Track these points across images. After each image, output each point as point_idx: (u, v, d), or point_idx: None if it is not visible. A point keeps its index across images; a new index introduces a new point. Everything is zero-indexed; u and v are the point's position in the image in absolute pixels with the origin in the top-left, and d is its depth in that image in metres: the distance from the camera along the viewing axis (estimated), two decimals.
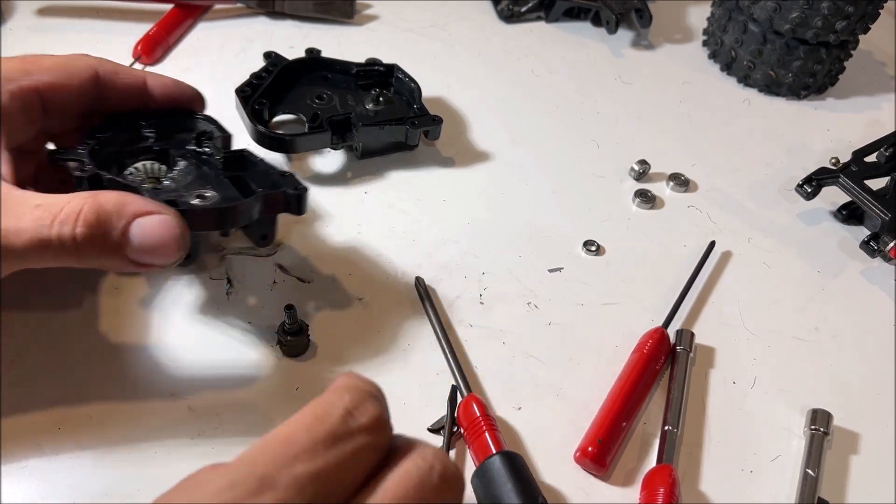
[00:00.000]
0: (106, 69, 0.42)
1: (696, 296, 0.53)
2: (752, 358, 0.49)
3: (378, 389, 0.28)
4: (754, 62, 0.72)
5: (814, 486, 0.41)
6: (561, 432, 0.43)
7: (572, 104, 0.69)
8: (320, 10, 0.73)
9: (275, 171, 0.43)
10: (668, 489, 0.39)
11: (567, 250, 0.55)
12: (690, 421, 0.45)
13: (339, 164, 0.59)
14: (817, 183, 0.57)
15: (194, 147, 0.45)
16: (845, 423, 0.46)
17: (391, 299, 0.49)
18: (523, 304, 0.50)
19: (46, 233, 0.33)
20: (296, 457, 0.24)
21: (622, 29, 0.78)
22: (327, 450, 0.24)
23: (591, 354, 0.48)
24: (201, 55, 0.68)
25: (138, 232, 0.34)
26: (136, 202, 0.35)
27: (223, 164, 0.43)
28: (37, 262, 0.33)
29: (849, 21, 0.66)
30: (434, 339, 0.47)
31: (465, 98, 0.67)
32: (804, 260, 0.57)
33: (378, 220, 0.55)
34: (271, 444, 0.24)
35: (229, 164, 0.44)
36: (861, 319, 0.53)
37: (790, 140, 0.68)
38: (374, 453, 0.26)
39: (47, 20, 0.69)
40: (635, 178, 0.61)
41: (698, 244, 0.56)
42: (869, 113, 0.73)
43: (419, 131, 0.57)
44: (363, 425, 0.25)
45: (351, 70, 0.61)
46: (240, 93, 0.56)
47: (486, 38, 0.75)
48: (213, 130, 0.46)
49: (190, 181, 0.42)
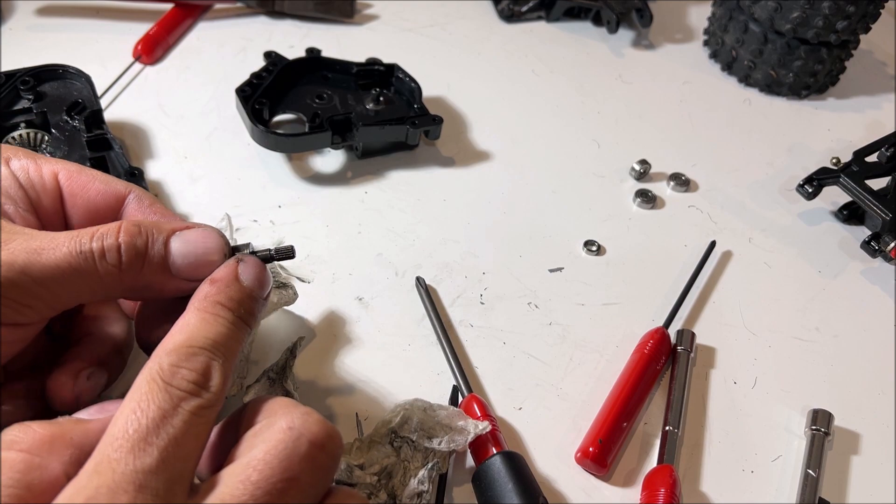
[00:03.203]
0: (139, 198, 0.36)
1: (697, 296, 0.52)
2: (752, 358, 0.49)
3: (212, 341, 0.28)
4: (755, 62, 0.71)
5: (815, 486, 0.41)
6: (561, 432, 0.43)
7: (573, 104, 0.69)
8: (320, 9, 0.72)
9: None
10: (668, 489, 0.39)
11: (568, 250, 0.54)
12: (691, 421, 0.45)
13: (339, 164, 0.58)
14: (818, 183, 0.57)
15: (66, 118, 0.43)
16: (846, 423, 0.46)
17: (391, 299, 0.49)
18: (524, 304, 0.50)
19: (86, 246, 0.29)
20: (125, 456, 0.24)
21: (623, 28, 0.78)
22: (149, 442, 0.24)
23: (592, 354, 0.48)
24: (201, 55, 0.68)
25: (180, 244, 0.32)
26: (172, 217, 0.34)
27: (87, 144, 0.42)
28: (76, 288, 0.30)
29: (850, 21, 0.66)
30: (434, 339, 0.47)
31: (465, 98, 0.66)
32: (805, 260, 0.57)
33: (378, 220, 0.54)
34: (101, 451, 0.24)
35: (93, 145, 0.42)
36: (862, 319, 0.53)
37: (791, 140, 0.68)
38: (208, 418, 0.26)
39: (47, 20, 0.69)
40: (636, 178, 0.61)
41: (699, 244, 0.56)
42: (870, 113, 0.73)
43: (419, 131, 0.57)
44: (186, 391, 0.26)
45: (351, 70, 0.61)
46: (240, 92, 0.56)
47: (487, 38, 0.75)
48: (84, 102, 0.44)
49: (59, 158, 0.40)
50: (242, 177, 0.56)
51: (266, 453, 0.25)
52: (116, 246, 0.30)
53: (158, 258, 0.31)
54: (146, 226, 0.32)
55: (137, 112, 0.60)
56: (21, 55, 0.62)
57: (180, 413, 0.25)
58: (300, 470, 0.25)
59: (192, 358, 0.27)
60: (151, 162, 0.56)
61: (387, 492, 0.37)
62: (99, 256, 0.30)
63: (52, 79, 0.55)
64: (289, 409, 0.27)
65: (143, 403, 0.25)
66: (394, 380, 0.44)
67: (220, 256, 0.33)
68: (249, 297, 0.31)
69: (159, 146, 0.57)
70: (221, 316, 0.29)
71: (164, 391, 0.26)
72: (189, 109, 0.61)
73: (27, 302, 0.29)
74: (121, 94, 0.62)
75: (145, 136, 0.58)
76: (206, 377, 0.27)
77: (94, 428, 0.26)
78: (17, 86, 0.53)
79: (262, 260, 0.35)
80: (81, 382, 0.33)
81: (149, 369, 0.26)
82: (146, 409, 0.25)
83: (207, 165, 0.56)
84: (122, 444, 0.24)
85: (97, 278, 0.30)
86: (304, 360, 0.45)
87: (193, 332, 0.28)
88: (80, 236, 0.30)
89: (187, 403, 0.26)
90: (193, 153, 0.57)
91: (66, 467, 0.25)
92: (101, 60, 0.64)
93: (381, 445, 0.38)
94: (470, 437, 0.38)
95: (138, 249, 0.31)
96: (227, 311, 0.29)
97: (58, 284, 0.29)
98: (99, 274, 0.30)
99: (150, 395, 0.25)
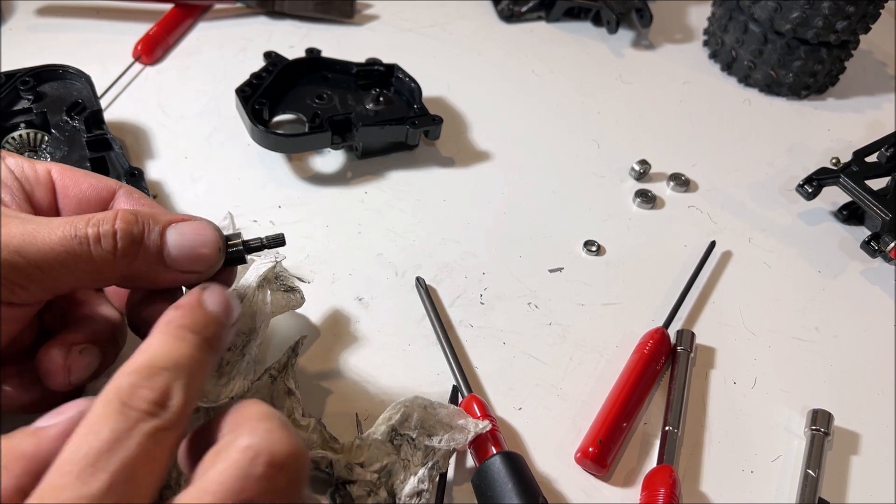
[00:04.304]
0: (129, 193, 0.36)
1: (697, 296, 0.53)
2: (752, 358, 0.49)
3: (174, 361, 0.27)
4: (755, 62, 0.71)
5: (814, 486, 0.41)
6: (561, 432, 0.43)
7: (573, 104, 0.69)
8: (320, 9, 0.72)
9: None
10: (668, 489, 0.39)
11: (567, 250, 0.54)
12: (691, 421, 0.45)
13: (339, 164, 0.58)
14: (818, 183, 0.57)
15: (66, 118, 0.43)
16: (846, 423, 0.46)
17: (391, 299, 0.49)
18: (524, 304, 0.50)
19: (82, 231, 0.30)
20: (74, 482, 0.22)
21: (623, 29, 0.78)
22: (99, 467, 0.23)
23: (592, 354, 0.48)
24: (201, 55, 0.67)
25: (176, 235, 0.32)
26: (166, 212, 0.33)
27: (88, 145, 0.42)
28: (72, 273, 0.30)
29: (849, 21, 0.66)
30: (434, 340, 0.47)
31: (465, 98, 0.66)
32: (805, 260, 0.57)
33: (378, 220, 0.55)
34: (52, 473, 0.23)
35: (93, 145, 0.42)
36: (861, 319, 0.53)
37: (791, 140, 0.68)
38: (167, 441, 0.25)
39: (47, 20, 0.69)
40: (636, 178, 0.61)
41: (698, 244, 0.56)
42: (869, 113, 0.73)
43: (419, 131, 0.57)
44: (144, 411, 0.24)
45: (351, 70, 0.61)
46: (240, 93, 0.56)
47: (487, 38, 0.75)
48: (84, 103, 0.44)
49: (59, 158, 0.40)
50: (242, 177, 0.56)
51: (220, 475, 0.24)
52: (112, 232, 0.30)
53: (154, 248, 0.32)
54: (143, 215, 0.32)
55: (137, 112, 0.60)
56: (21, 55, 0.62)
57: (135, 435, 0.24)
58: (256, 492, 0.24)
59: (153, 377, 0.26)
60: (151, 162, 0.56)
61: (387, 489, 0.37)
62: (94, 241, 0.30)
63: (52, 79, 0.55)
64: (254, 424, 0.26)
65: (96, 425, 0.24)
66: (394, 380, 0.44)
67: (214, 250, 0.33)
68: (215, 322, 0.30)
69: (159, 146, 0.57)
70: (185, 338, 0.28)
71: (120, 412, 0.24)
72: (189, 109, 0.61)
73: (21, 283, 0.29)
74: (121, 95, 0.62)
75: (145, 136, 0.58)
76: (166, 397, 0.25)
77: (51, 435, 0.25)
78: (17, 86, 0.53)
79: (255, 248, 0.36)
80: (73, 356, 0.33)
81: (107, 390, 0.25)
82: (99, 431, 0.24)
83: (207, 165, 0.56)
84: (69, 469, 0.23)
85: (91, 263, 0.30)
86: (304, 360, 0.45)
87: (156, 353, 0.27)
88: (75, 221, 0.30)
89: (144, 425, 0.24)
90: (193, 153, 0.57)
91: (19, 481, 0.24)
92: (101, 61, 0.64)
93: (381, 443, 0.38)
94: (470, 435, 0.38)
95: (134, 237, 0.31)
96: (192, 333, 0.29)
97: (52, 267, 0.29)
98: (93, 259, 0.30)
99: (104, 417, 0.24)
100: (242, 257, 0.35)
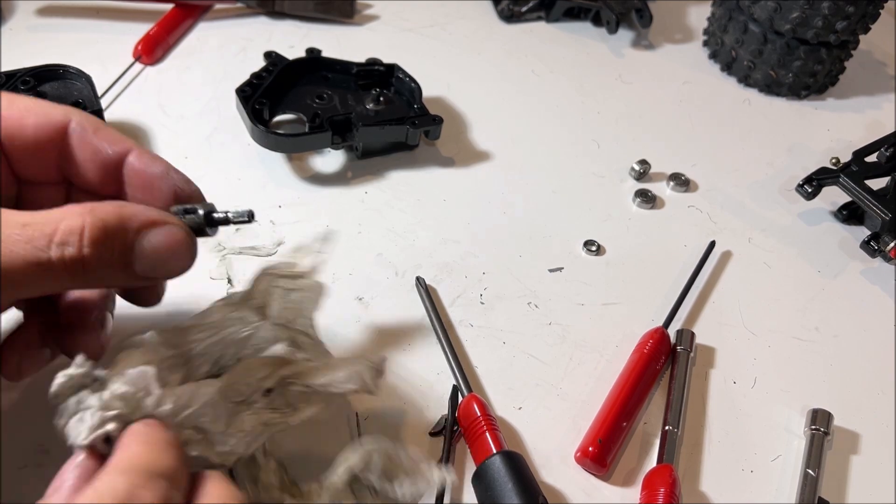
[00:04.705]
0: (82, 125, 0.34)
1: (697, 296, 0.53)
2: (752, 358, 0.49)
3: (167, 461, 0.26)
4: (755, 62, 0.72)
5: (814, 486, 0.41)
6: (561, 432, 0.43)
7: (572, 104, 0.69)
8: (320, 9, 0.73)
9: None
10: (668, 489, 0.39)
11: (567, 250, 0.55)
12: (691, 421, 0.45)
13: (339, 164, 0.59)
14: (818, 183, 0.57)
15: None
16: (845, 422, 0.46)
17: (391, 299, 0.49)
18: (524, 303, 0.50)
19: (45, 255, 0.28)
20: None
21: (622, 29, 0.78)
22: None
23: (592, 354, 0.48)
24: (201, 55, 0.68)
25: (147, 246, 0.31)
26: (138, 213, 0.31)
27: None
28: (33, 290, 0.30)
29: (849, 21, 0.66)
30: (434, 339, 0.47)
31: (465, 98, 0.67)
32: (804, 260, 0.57)
33: (378, 220, 0.55)
34: None
35: None
36: (861, 319, 0.53)
37: (790, 140, 0.68)
38: None
39: (47, 20, 0.69)
40: (635, 178, 0.61)
41: (698, 244, 0.56)
42: (869, 113, 0.73)
43: (419, 131, 0.57)
44: None
45: (351, 70, 0.61)
46: (240, 93, 0.56)
47: (487, 38, 0.75)
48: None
49: None
50: (242, 177, 0.56)
51: None
52: (80, 258, 0.29)
53: (123, 262, 0.31)
54: (111, 228, 0.30)
55: (137, 112, 0.60)
56: (21, 55, 0.62)
57: None
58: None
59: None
60: None
61: None
62: (59, 266, 0.29)
63: (52, 79, 0.55)
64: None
65: None
66: (394, 380, 0.44)
67: (185, 260, 0.33)
68: None
69: (159, 146, 0.57)
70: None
71: None
72: (189, 109, 0.61)
73: None
74: (121, 95, 0.62)
75: (145, 136, 0.58)
76: None
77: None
78: (17, 86, 0.53)
79: (218, 222, 0.34)
80: (25, 361, 0.35)
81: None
82: None
83: (208, 165, 0.56)
84: None
85: (56, 281, 0.30)
86: None
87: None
88: (36, 241, 0.28)
89: None
90: (193, 153, 0.57)
91: None
92: (101, 61, 0.64)
93: (340, 491, 0.35)
94: (435, 488, 0.36)
95: (102, 258, 0.30)
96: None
97: (14, 283, 0.29)
98: (58, 278, 0.29)
99: None
100: (203, 230, 0.34)
